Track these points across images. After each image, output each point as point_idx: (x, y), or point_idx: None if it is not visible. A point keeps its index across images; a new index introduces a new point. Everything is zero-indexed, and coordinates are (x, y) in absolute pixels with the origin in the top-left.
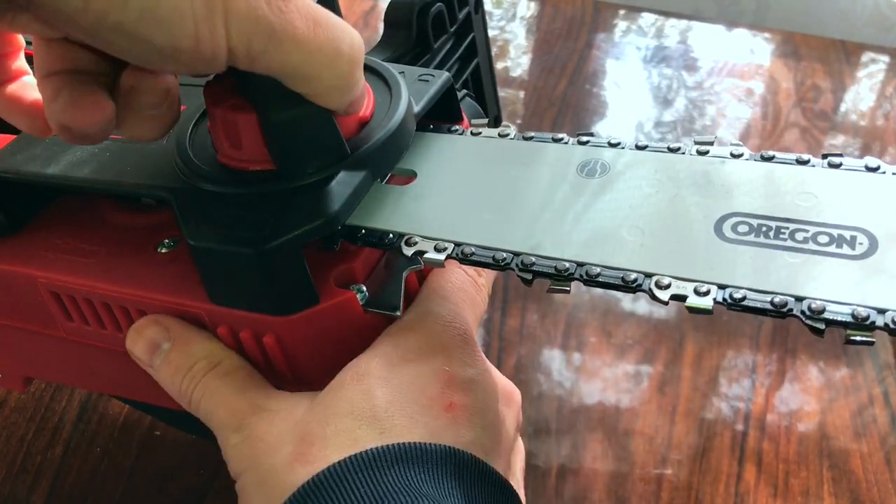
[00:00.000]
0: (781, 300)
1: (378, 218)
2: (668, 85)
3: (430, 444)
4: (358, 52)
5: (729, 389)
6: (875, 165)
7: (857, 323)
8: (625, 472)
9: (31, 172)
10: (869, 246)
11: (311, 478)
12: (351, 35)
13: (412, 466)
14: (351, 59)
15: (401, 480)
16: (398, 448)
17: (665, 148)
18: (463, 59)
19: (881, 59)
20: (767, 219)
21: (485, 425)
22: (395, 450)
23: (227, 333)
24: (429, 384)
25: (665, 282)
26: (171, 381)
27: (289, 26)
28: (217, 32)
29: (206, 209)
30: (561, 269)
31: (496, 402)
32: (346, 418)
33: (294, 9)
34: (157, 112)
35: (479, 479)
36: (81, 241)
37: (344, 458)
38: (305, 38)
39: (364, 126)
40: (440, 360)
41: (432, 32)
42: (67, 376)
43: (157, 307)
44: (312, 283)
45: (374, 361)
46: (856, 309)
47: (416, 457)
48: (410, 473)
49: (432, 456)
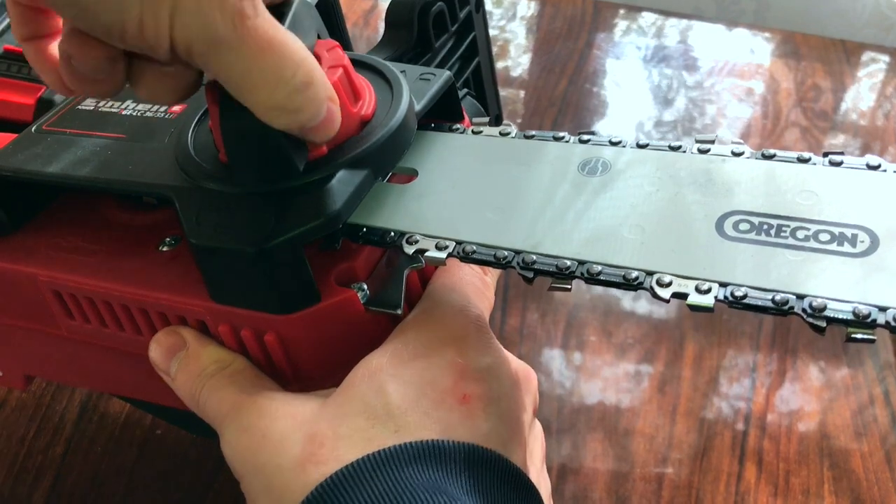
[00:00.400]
0: (783, 298)
1: (379, 216)
2: (668, 84)
3: (446, 442)
4: (305, 84)
5: (729, 389)
6: (876, 164)
7: (859, 321)
8: (625, 472)
9: (32, 171)
10: (870, 244)
11: (326, 478)
12: (301, 66)
13: (429, 464)
14: (295, 88)
15: (418, 478)
16: (413, 447)
17: (666, 146)
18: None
19: (881, 59)
20: (768, 217)
21: (500, 414)
22: (411, 448)
23: (229, 332)
24: (442, 377)
25: (666, 280)
26: (183, 385)
27: (236, 41)
28: (161, 23)
29: (208, 208)
30: (562, 268)
31: (512, 389)
32: (358, 418)
33: (251, 27)
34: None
35: (496, 474)
36: (83, 240)
37: (359, 457)
38: (250, 56)
39: (366, 125)
40: (453, 351)
41: (433, 32)
42: (68, 375)
43: (159, 305)
44: (313, 282)
45: (385, 358)
46: (857, 307)
47: (433, 455)
48: (428, 471)
49: (448, 453)
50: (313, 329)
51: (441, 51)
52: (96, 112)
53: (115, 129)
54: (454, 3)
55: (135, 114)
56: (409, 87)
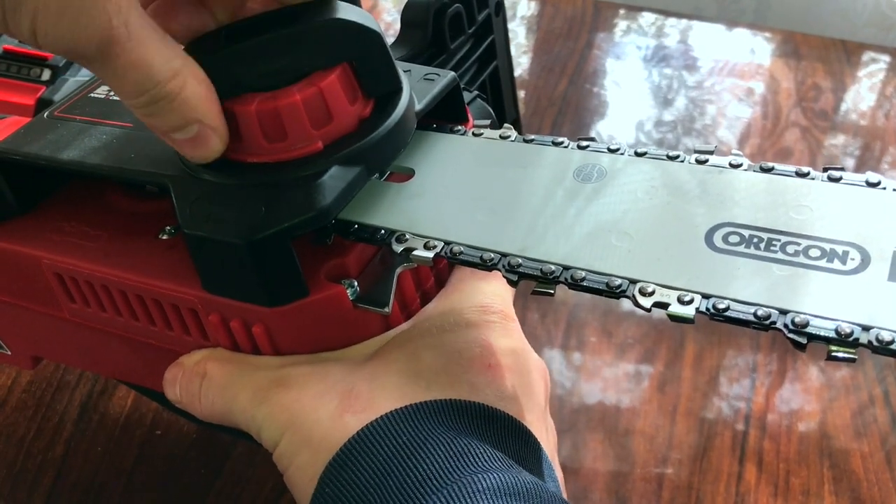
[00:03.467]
0: (765, 312)
1: (372, 214)
2: (668, 84)
3: (472, 402)
4: (167, 98)
5: (729, 389)
6: (875, 181)
7: (840, 339)
8: (625, 472)
9: (42, 156)
10: (861, 262)
11: (364, 425)
12: (163, 85)
13: (456, 418)
14: (151, 98)
15: (445, 427)
16: (442, 402)
17: (664, 155)
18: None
19: (882, 59)
20: (760, 230)
21: (522, 386)
22: (440, 404)
23: (219, 322)
24: (470, 348)
25: (649, 289)
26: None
27: (100, 61)
28: (23, 30)
29: (202, 198)
30: (546, 272)
31: (533, 373)
32: (393, 376)
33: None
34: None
35: (517, 439)
36: (87, 226)
37: (394, 408)
38: (112, 74)
39: (363, 122)
40: (479, 330)
41: (450, 33)
42: (72, 358)
43: (153, 292)
44: (302, 276)
45: (416, 330)
46: (840, 325)
47: (459, 410)
48: (455, 424)
49: (475, 410)
50: (300, 323)
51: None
52: (107, 100)
53: (122, 117)
54: (472, 6)
55: None
56: (412, 86)
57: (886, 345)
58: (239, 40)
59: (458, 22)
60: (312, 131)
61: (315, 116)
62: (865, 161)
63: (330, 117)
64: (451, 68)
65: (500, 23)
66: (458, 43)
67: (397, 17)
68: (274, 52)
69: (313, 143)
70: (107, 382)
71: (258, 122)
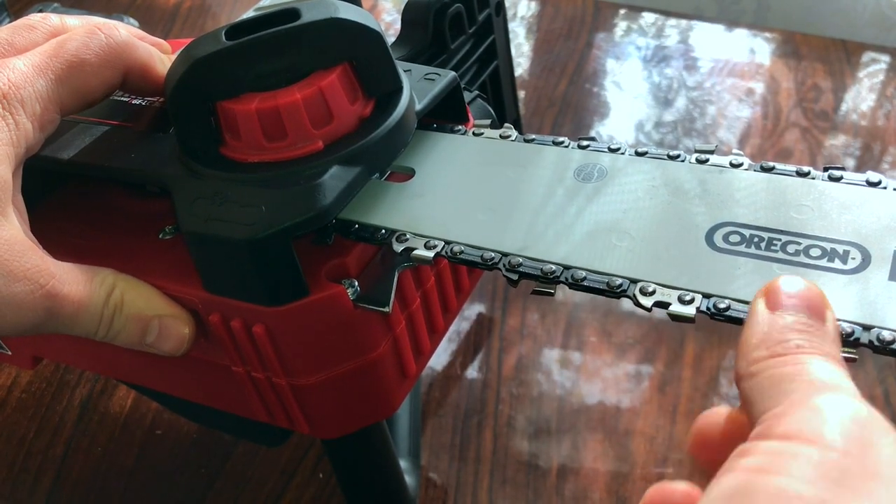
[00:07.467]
0: None
1: (373, 214)
2: (668, 85)
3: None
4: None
5: (730, 389)
6: (876, 180)
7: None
8: (625, 472)
9: (44, 156)
10: (861, 261)
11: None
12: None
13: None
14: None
15: None
16: None
17: (664, 155)
18: (482, 61)
19: (882, 59)
20: (760, 230)
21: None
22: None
23: (219, 321)
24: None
25: (650, 288)
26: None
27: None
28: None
29: (202, 197)
30: (546, 272)
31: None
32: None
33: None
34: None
35: None
36: (88, 225)
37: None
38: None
39: (363, 122)
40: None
41: (450, 33)
42: (71, 357)
43: None
44: (302, 275)
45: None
46: (840, 324)
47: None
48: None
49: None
50: (301, 322)
51: (458, 53)
52: (110, 100)
53: (125, 118)
54: (473, 6)
55: (144, 104)
56: (413, 86)
57: (887, 344)
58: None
59: (458, 22)
60: (313, 131)
61: (315, 116)
62: (866, 161)
63: (330, 117)
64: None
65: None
66: (459, 43)
67: (397, 17)
68: (274, 51)
69: (314, 143)
70: (107, 382)
71: (259, 121)
